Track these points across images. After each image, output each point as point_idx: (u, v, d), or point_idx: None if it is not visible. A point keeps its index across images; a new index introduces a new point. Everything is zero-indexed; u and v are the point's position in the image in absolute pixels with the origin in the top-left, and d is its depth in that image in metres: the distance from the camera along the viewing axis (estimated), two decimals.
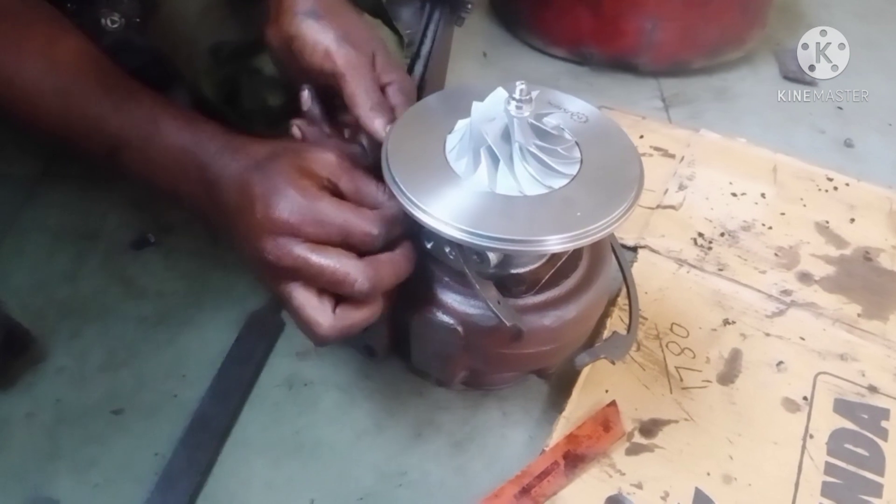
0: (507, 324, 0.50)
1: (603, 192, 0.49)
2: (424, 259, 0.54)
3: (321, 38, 0.57)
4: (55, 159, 0.84)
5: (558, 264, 0.56)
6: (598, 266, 0.58)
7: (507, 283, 0.53)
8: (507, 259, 0.53)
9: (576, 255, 0.57)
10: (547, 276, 0.55)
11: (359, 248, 0.48)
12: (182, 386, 0.64)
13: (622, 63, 1.05)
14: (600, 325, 0.67)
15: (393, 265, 0.49)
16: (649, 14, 0.99)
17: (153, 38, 0.93)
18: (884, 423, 0.63)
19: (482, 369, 0.60)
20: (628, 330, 0.58)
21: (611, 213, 0.47)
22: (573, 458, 0.58)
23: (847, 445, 0.61)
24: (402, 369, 0.66)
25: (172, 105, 0.56)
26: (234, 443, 0.60)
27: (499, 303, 0.51)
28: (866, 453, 0.60)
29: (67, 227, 0.77)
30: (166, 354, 0.66)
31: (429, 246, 0.53)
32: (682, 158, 0.89)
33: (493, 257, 0.51)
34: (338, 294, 0.48)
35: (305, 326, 0.48)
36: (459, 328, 0.54)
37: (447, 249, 0.52)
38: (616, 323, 0.69)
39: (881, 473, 0.59)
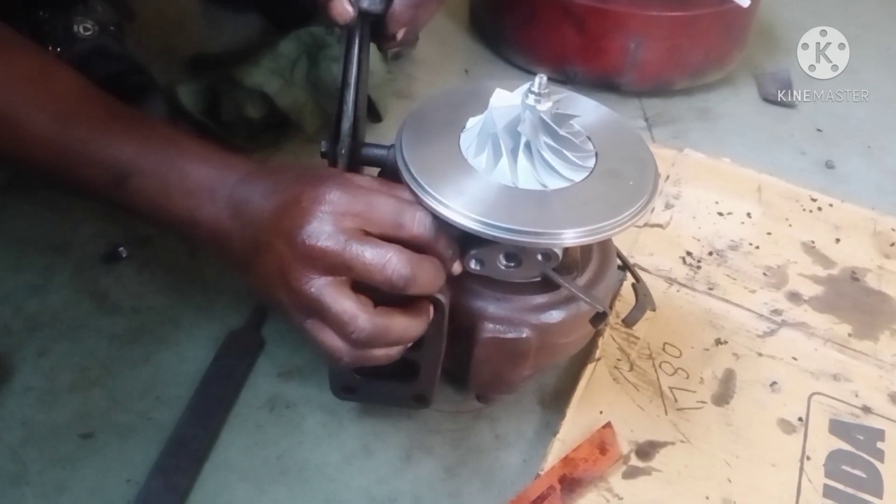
0: (600, 309, 0.52)
1: (630, 180, 0.51)
2: (467, 285, 0.53)
3: None
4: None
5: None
6: (606, 250, 0.59)
7: (560, 273, 0.53)
8: None
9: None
10: (575, 260, 0.56)
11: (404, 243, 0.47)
12: (157, 406, 0.60)
13: (605, 82, 1.04)
14: (593, 344, 0.66)
15: (433, 265, 0.47)
16: (633, 33, 0.99)
17: (130, 47, 0.91)
18: (879, 445, 0.62)
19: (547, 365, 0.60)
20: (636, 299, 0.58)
21: (647, 188, 0.51)
22: (570, 483, 0.56)
23: (844, 467, 0.60)
24: None
25: (191, 133, 0.54)
26: (214, 466, 0.57)
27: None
28: (863, 475, 0.59)
29: (35, 238, 0.73)
30: (141, 373, 0.63)
31: (476, 268, 0.51)
32: (668, 177, 0.88)
33: (559, 253, 0.51)
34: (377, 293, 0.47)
35: (340, 324, 0.45)
36: (529, 334, 0.53)
37: (502, 261, 0.51)
38: (608, 342, 0.67)
39: (879, 496, 0.58)
